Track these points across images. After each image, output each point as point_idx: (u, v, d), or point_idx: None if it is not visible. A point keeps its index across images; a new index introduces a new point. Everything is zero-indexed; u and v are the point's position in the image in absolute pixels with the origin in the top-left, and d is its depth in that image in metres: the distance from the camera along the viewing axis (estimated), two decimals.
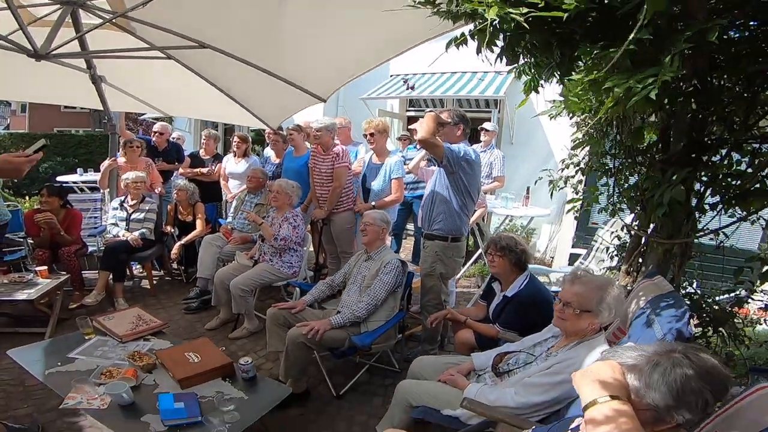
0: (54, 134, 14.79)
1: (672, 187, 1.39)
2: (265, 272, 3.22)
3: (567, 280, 1.68)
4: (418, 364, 2.14)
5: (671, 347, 0.98)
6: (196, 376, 1.99)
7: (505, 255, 2.25)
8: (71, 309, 3.50)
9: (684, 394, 0.91)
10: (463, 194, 2.64)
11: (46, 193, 3.62)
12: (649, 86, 0.95)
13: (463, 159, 2.52)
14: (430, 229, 2.77)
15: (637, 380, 0.94)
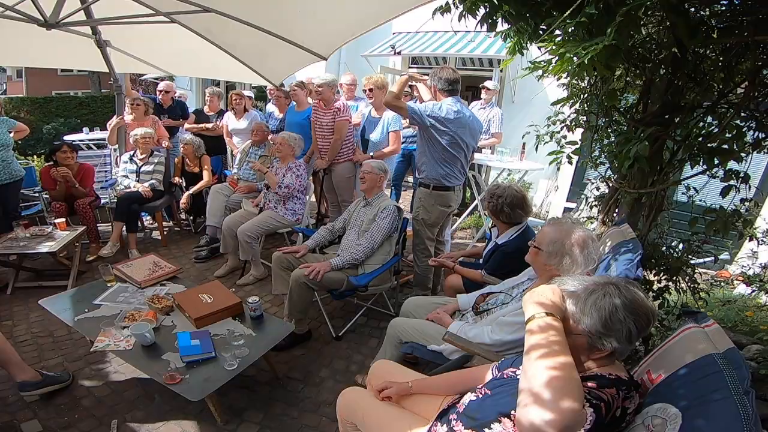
0: (53, 97, 14.80)
1: (639, 142, 1.50)
2: (270, 219, 3.41)
3: (547, 222, 1.74)
4: (409, 303, 2.31)
5: (608, 280, 1.08)
6: (209, 316, 2.19)
7: (489, 202, 2.37)
8: (89, 261, 3.74)
9: (612, 323, 1.00)
10: (438, 148, 2.75)
11: (68, 149, 3.82)
12: (588, 53, 1.06)
13: (430, 116, 2.64)
14: (419, 177, 2.98)
15: (574, 305, 1.05)
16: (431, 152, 2.79)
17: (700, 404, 0.93)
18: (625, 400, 1.01)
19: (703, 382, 0.98)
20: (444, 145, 2.73)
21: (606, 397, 0.97)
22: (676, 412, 0.96)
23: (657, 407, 1.01)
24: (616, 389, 1.00)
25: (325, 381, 2.42)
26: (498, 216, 2.35)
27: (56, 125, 12.07)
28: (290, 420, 2.14)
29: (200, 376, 1.88)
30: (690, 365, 1.05)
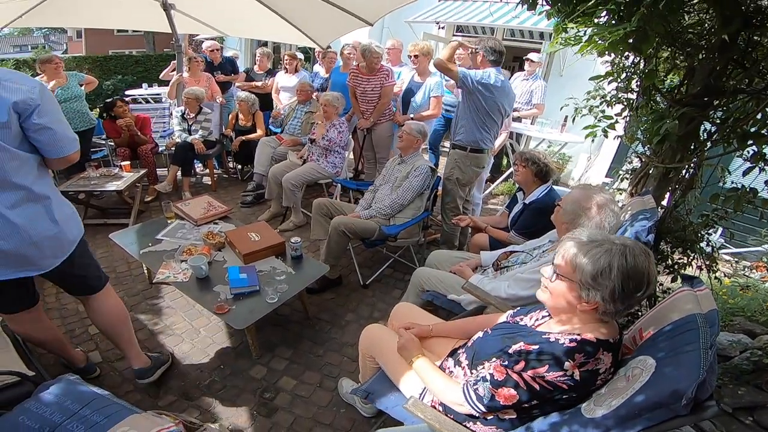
0: (111, 56, 15.63)
1: (671, 120, 1.56)
2: (312, 170, 3.66)
3: (573, 187, 1.87)
4: (434, 256, 2.46)
5: (623, 241, 1.11)
6: (256, 253, 2.41)
7: (528, 166, 2.44)
8: (147, 201, 4.13)
9: (601, 277, 1.05)
10: (481, 113, 2.88)
11: (122, 103, 4.24)
12: (613, 36, 1.17)
13: (479, 83, 2.76)
14: (455, 140, 3.08)
15: (576, 251, 1.11)
16: (473, 116, 2.90)
17: (674, 356, 1.01)
18: (590, 363, 1.07)
19: (681, 338, 1.05)
20: (487, 111, 2.86)
21: (553, 377, 1.07)
22: (653, 362, 1.03)
23: (639, 359, 1.08)
24: (581, 354, 1.07)
25: (349, 324, 2.61)
26: (539, 176, 2.45)
27: (114, 81, 12.87)
28: (315, 357, 2.33)
29: (245, 308, 2.07)
30: (675, 323, 1.12)
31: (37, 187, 1.49)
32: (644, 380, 1.00)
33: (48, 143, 1.48)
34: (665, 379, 0.96)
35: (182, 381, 2.14)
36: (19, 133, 1.41)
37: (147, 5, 3.46)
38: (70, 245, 1.64)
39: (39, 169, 1.53)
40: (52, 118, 1.46)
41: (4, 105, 1.33)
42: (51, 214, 1.54)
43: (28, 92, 1.37)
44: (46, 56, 3.90)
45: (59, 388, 1.47)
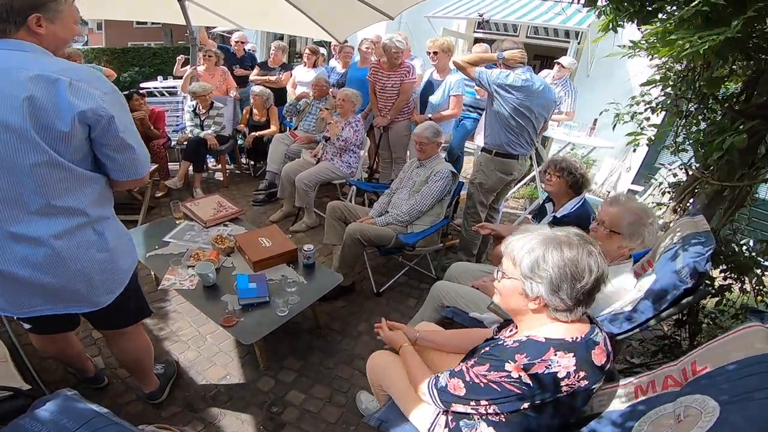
0: (129, 48, 15.71)
1: (736, 134, 1.37)
2: (326, 170, 3.53)
3: (607, 201, 1.70)
4: (455, 268, 2.31)
5: (561, 231, 1.11)
6: (266, 260, 2.29)
7: (563, 176, 2.25)
8: (158, 197, 4.05)
9: (537, 269, 1.05)
10: (502, 114, 2.72)
11: (138, 97, 4.11)
12: (705, 43, 0.98)
13: (494, 82, 2.63)
14: (483, 143, 2.95)
15: (515, 243, 1.12)
16: (497, 118, 2.76)
17: (741, 401, 0.90)
18: (538, 365, 1.02)
19: (750, 380, 0.94)
20: (509, 112, 2.70)
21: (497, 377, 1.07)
22: (715, 405, 0.93)
23: (694, 398, 0.99)
24: (522, 354, 1.05)
25: (362, 335, 2.50)
26: (573, 187, 2.27)
27: (132, 74, 12.86)
28: (325, 370, 2.23)
29: (254, 320, 1.98)
30: (740, 362, 1.01)
31: (94, 211, 1.28)
32: (706, 428, 0.89)
33: (124, 163, 1.27)
34: (733, 429, 0.86)
35: (187, 391, 2.05)
36: (82, 147, 1.19)
37: None
38: (124, 278, 1.43)
39: (101, 190, 1.31)
40: (130, 133, 1.26)
41: (69, 113, 1.11)
42: (105, 241, 1.32)
43: (100, 99, 1.15)
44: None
45: (56, 404, 1.34)
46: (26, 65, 1.09)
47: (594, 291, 1.05)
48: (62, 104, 1.10)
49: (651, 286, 1.46)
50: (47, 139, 1.12)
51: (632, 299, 1.50)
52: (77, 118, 1.12)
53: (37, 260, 1.20)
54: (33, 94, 1.07)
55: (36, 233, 1.18)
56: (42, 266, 1.21)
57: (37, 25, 1.15)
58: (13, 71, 1.08)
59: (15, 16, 1.13)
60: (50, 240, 1.19)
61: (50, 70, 1.11)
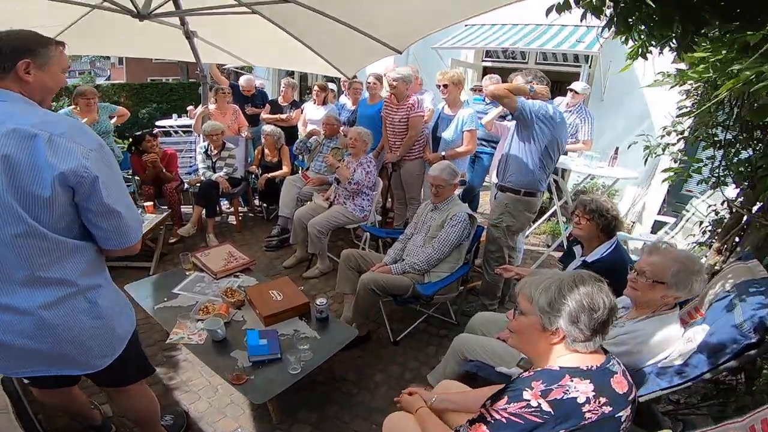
0: (149, 83, 15.91)
1: None
2: (339, 214, 3.43)
3: (646, 250, 1.62)
4: (478, 319, 2.18)
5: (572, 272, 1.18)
6: (278, 315, 2.21)
7: (593, 219, 2.09)
8: (171, 243, 3.99)
9: (556, 302, 1.10)
10: (539, 150, 2.61)
11: (150, 138, 4.10)
12: None
13: (539, 116, 2.51)
14: (504, 181, 2.78)
15: (533, 290, 1.15)
16: (529, 154, 2.64)
17: None
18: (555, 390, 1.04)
19: None
20: (545, 147, 2.60)
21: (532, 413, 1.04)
22: None
23: None
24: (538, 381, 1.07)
25: (379, 386, 2.39)
26: (605, 231, 2.11)
27: (150, 110, 12.94)
28: (342, 424, 2.12)
29: (265, 378, 1.90)
30: None
31: (85, 280, 1.19)
32: None
33: (111, 230, 1.18)
34: None
35: None
36: (67, 213, 1.10)
37: (172, 33, 3.37)
38: (120, 342, 1.35)
39: (91, 258, 1.22)
40: (117, 196, 1.15)
41: (49, 174, 1.01)
42: (97, 309, 1.24)
43: (83, 157, 1.05)
44: (81, 89, 3.82)
45: None
46: (3, 119, 1.01)
47: (608, 322, 1.10)
48: (41, 164, 1.01)
49: (705, 339, 1.40)
50: (26, 205, 1.03)
51: (682, 352, 1.44)
52: (57, 181, 1.03)
53: (24, 328, 1.12)
54: (9, 153, 0.99)
55: (22, 305, 1.10)
56: (31, 334, 1.13)
57: (26, 72, 1.10)
58: None
59: (3, 60, 1.07)
60: (38, 310, 1.12)
61: (28, 123, 1.02)
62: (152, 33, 3.23)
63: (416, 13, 2.53)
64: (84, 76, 22.74)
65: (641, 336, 1.49)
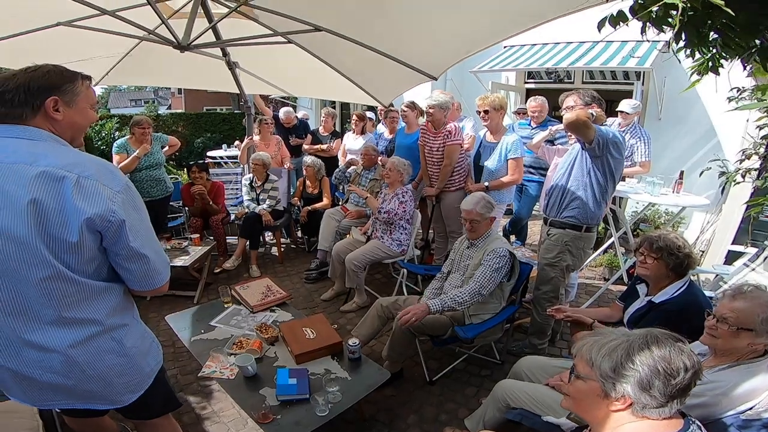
0: (203, 113, 16.68)
1: None
2: (376, 249, 3.35)
3: (728, 295, 1.44)
4: (525, 363, 2.01)
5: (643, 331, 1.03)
6: (310, 353, 2.18)
7: (662, 258, 1.90)
8: (215, 273, 4.10)
9: (622, 366, 0.97)
10: (606, 180, 2.41)
11: (196, 170, 4.25)
12: None
13: (612, 141, 2.30)
14: (560, 216, 2.56)
15: (591, 344, 1.05)
16: (595, 186, 2.43)
17: None
18: None
19: None
20: (614, 177, 2.42)
21: None
22: None
23: None
24: None
25: (411, 429, 2.26)
26: (676, 270, 1.90)
27: (204, 139, 13.60)
28: None
29: (291, 419, 1.85)
30: None
31: (112, 320, 1.20)
32: None
33: (138, 273, 1.18)
34: None
35: None
36: (95, 258, 1.10)
37: (217, 64, 3.52)
38: (147, 379, 1.36)
39: (119, 299, 1.22)
40: (144, 239, 1.15)
41: (76, 220, 1.01)
42: (124, 348, 1.24)
43: (109, 200, 1.05)
44: (137, 119, 4.00)
45: None
46: (33, 159, 1.02)
47: (690, 387, 0.97)
48: (68, 209, 1.01)
49: None
50: (55, 250, 1.04)
51: None
52: (85, 226, 1.03)
53: (52, 365, 1.13)
54: (37, 197, 0.99)
55: (50, 343, 1.11)
56: (58, 371, 1.14)
57: (55, 110, 1.10)
58: (18, 168, 1.01)
59: (32, 98, 1.08)
60: (66, 349, 1.12)
61: (57, 164, 1.02)
62: (200, 64, 3.38)
63: (451, 37, 2.47)
64: (148, 105, 24.57)
65: (722, 387, 1.33)
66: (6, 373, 1.14)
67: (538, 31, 2.04)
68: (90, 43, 2.86)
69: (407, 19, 2.43)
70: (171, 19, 2.66)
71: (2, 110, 1.07)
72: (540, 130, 3.76)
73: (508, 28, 2.20)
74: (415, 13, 2.34)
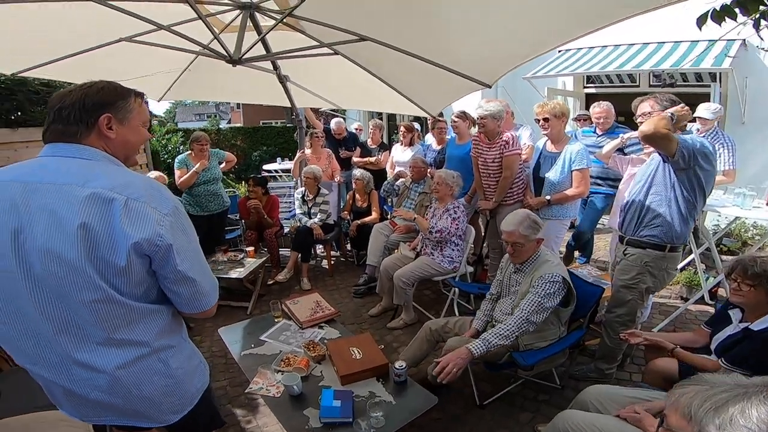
0: (260, 126, 17.09)
1: None
2: (426, 266, 3.24)
3: None
4: (592, 392, 1.82)
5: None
6: (355, 374, 2.12)
7: (760, 285, 1.73)
8: (268, 285, 4.20)
9: (731, 426, 0.81)
10: (695, 195, 2.16)
11: (252, 183, 4.39)
12: None
13: (700, 152, 2.04)
14: (638, 235, 2.31)
15: (694, 393, 0.91)
16: (681, 202, 2.19)
17: None
18: None
19: None
20: (702, 191, 2.17)
21: None
22: None
23: None
24: None
25: None
26: None
27: (260, 153, 14.02)
28: None
29: None
30: None
31: (159, 342, 1.19)
32: None
33: (185, 296, 1.18)
34: None
35: None
36: (144, 281, 1.11)
37: (270, 79, 3.61)
38: (192, 399, 1.34)
39: (167, 321, 1.22)
40: (192, 262, 1.14)
41: (124, 244, 1.01)
42: (168, 369, 1.23)
43: (157, 224, 1.03)
44: (196, 135, 4.17)
45: None
46: (84, 180, 1.02)
47: None
48: (117, 233, 1.00)
49: None
50: (104, 273, 1.04)
51: None
52: (133, 250, 1.02)
53: (100, 384, 1.14)
54: (87, 221, 0.99)
55: (98, 363, 1.11)
56: (105, 390, 1.15)
57: (108, 128, 1.10)
58: (70, 189, 1.00)
59: (86, 115, 1.07)
60: (113, 370, 1.12)
61: (107, 186, 1.01)
62: (254, 78, 3.47)
63: (506, 42, 2.33)
64: (211, 119, 25.93)
65: None
66: (57, 389, 1.17)
67: (596, 34, 1.87)
68: (151, 59, 3.02)
69: (457, 24, 2.33)
70: (223, 34, 2.75)
71: (60, 127, 1.07)
72: (607, 137, 3.51)
73: (572, 29, 2.03)
74: (466, 19, 2.24)
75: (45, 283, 1.03)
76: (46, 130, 1.10)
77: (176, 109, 35.65)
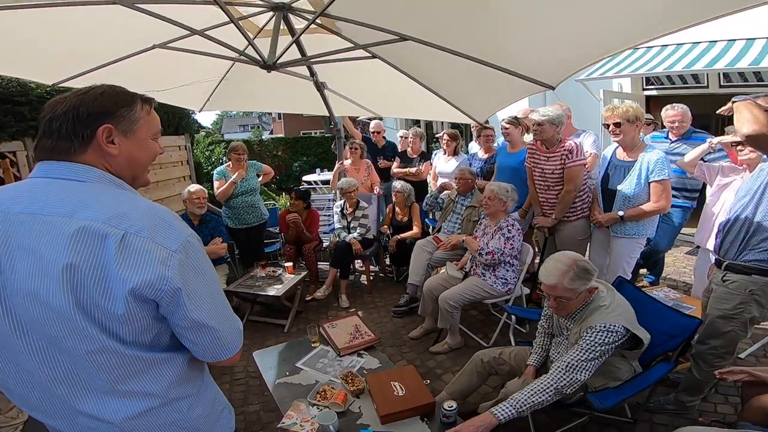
0: (300, 137, 17.26)
1: None
2: (476, 287, 2.93)
3: None
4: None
5: None
6: (397, 413, 1.90)
7: None
8: (306, 301, 4.06)
9: None
10: None
11: (294, 196, 4.28)
12: None
13: None
14: (742, 259, 1.97)
15: None
16: None
17: None
18: None
19: None
20: None
21: None
22: None
23: None
24: None
25: None
26: None
27: (300, 163, 14.07)
28: None
29: None
30: None
31: (175, 392, 1.00)
32: None
33: (204, 345, 0.98)
34: None
35: None
36: (152, 327, 0.92)
37: (307, 87, 3.47)
38: None
39: (182, 369, 1.02)
40: (209, 308, 0.95)
41: (120, 290, 0.83)
42: (187, 419, 1.04)
43: (161, 264, 0.84)
44: (233, 145, 4.14)
45: None
46: (72, 209, 0.82)
47: None
48: (111, 276, 0.81)
49: None
50: (101, 321, 0.84)
51: None
52: (131, 297, 0.83)
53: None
54: (73, 261, 0.80)
55: (104, 415, 0.93)
56: None
57: (108, 141, 0.90)
58: (56, 221, 0.81)
59: (81, 127, 0.88)
60: (121, 423, 0.93)
61: (100, 217, 0.81)
62: (291, 87, 3.37)
63: (574, 40, 2.05)
64: (254, 130, 26.34)
65: None
66: None
67: None
68: (184, 68, 2.92)
69: (515, 20, 2.07)
70: (257, 39, 2.63)
71: (48, 143, 0.89)
72: (683, 143, 3.13)
73: (645, 31, 1.76)
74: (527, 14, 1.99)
75: (34, 329, 0.86)
76: (36, 145, 0.92)
77: (222, 120, 36.95)
